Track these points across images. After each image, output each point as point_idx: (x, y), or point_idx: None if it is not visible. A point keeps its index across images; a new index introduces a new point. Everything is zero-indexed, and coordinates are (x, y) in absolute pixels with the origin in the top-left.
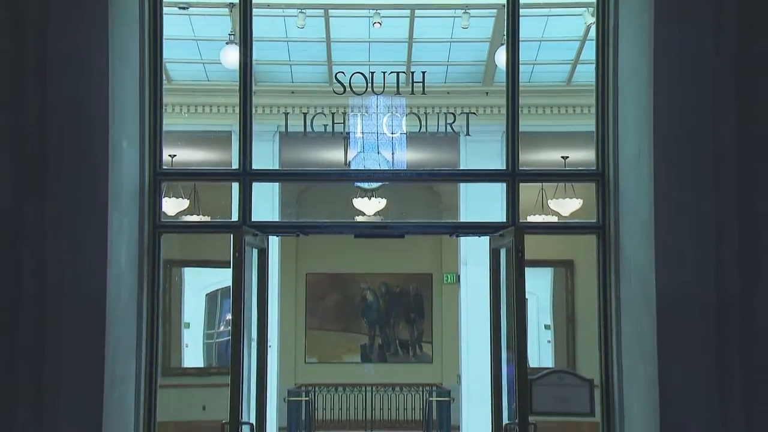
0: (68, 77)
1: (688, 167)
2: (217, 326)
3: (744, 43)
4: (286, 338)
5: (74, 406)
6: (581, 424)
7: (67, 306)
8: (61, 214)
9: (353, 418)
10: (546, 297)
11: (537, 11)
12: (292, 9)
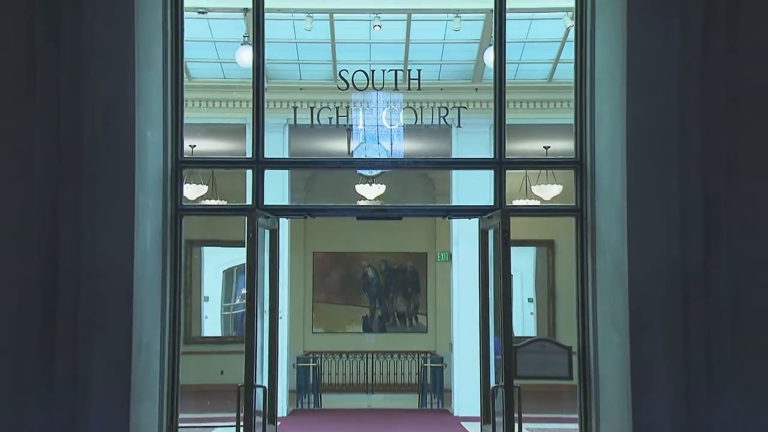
0: (100, 76)
1: (657, 156)
2: (233, 299)
3: (707, 44)
4: (295, 310)
5: (106, 369)
6: (560, 386)
7: (99, 280)
8: (94, 198)
9: (356, 382)
10: (529, 273)
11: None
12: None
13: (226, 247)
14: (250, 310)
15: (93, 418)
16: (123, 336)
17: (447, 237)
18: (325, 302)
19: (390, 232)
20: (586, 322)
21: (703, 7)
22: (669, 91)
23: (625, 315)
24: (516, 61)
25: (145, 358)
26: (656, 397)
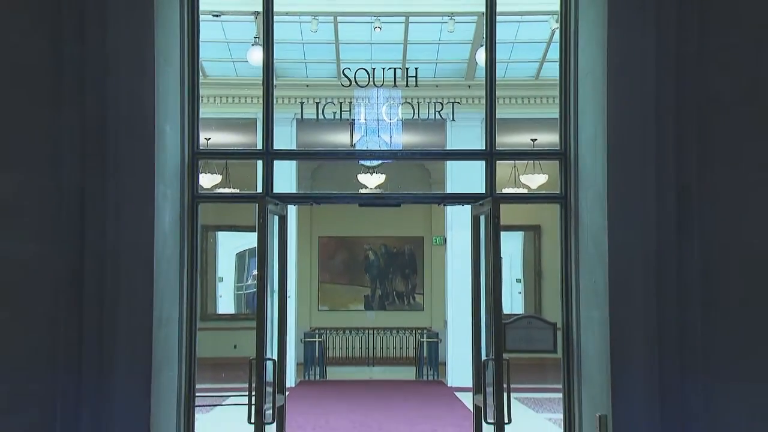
0: (122, 74)
1: (635, 148)
2: (245, 280)
3: (680, 45)
4: (302, 290)
5: (129, 341)
6: (546, 359)
7: (122, 261)
8: (117, 186)
9: (358, 356)
10: (517, 256)
11: (511, 18)
12: (306, 16)
13: (238, 232)
14: (260, 290)
15: (117, 385)
16: (144, 312)
17: (442, 222)
18: (330, 282)
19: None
20: (570, 300)
21: (676, 13)
22: (645, 88)
23: (605, 293)
24: (506, 60)
25: (164, 332)
26: (633, 369)
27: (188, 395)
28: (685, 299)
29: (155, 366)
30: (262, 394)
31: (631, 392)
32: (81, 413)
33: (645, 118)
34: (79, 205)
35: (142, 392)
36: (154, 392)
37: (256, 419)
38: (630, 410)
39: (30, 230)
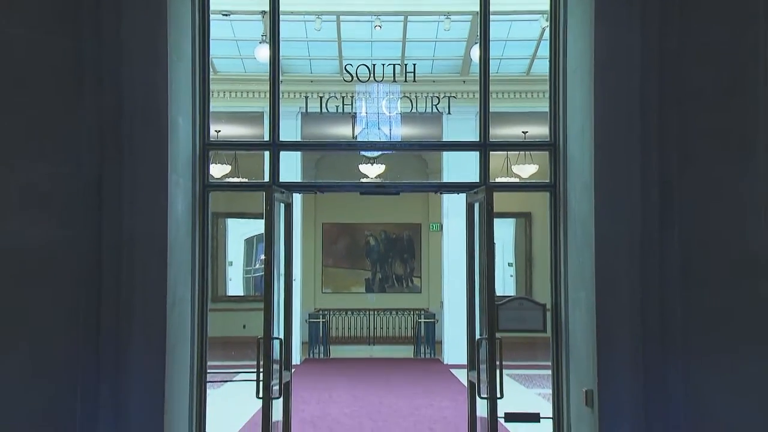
0: (137, 69)
1: (620, 140)
2: (253, 264)
3: (663, 43)
4: (307, 273)
5: (144, 322)
6: (536, 338)
7: (138, 245)
8: (133, 175)
9: (359, 335)
10: (510, 241)
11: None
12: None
13: (247, 219)
14: (268, 273)
15: (134, 361)
16: (159, 293)
17: (438, 210)
18: (333, 266)
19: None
20: (558, 283)
21: (659, 12)
22: (630, 84)
23: (591, 276)
24: (498, 57)
25: (178, 312)
26: (617, 347)
27: (200, 371)
28: (666, 284)
29: (169, 344)
30: (270, 371)
31: (615, 368)
32: (100, 387)
33: (630, 112)
34: (97, 192)
35: (157, 368)
36: (168, 368)
37: (264, 394)
38: (614, 385)
39: (54, 217)
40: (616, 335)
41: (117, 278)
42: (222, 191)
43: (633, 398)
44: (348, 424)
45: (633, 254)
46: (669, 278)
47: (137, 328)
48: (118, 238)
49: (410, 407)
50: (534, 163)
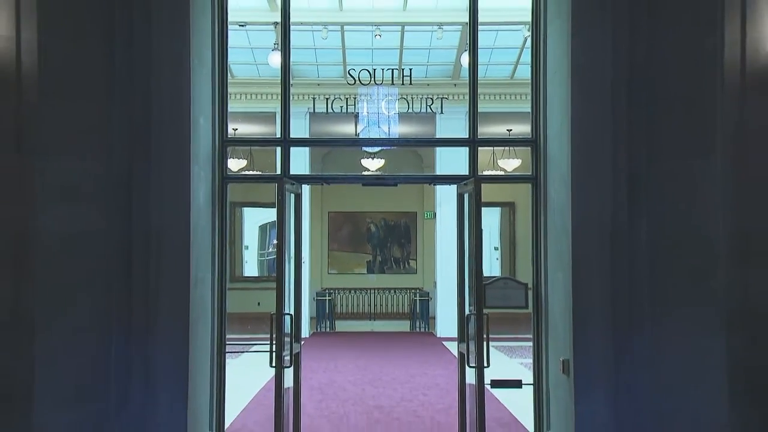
0: (163, 74)
1: (594, 137)
2: (267, 248)
3: (632, 50)
4: (315, 256)
5: (170, 299)
6: (519, 314)
7: (164, 232)
8: (159, 169)
9: (361, 311)
10: (495, 227)
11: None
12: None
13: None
14: (279, 256)
15: (161, 336)
16: (183, 274)
17: (432, 199)
18: (338, 250)
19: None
20: (539, 265)
21: (628, 23)
22: (603, 87)
23: (568, 259)
24: (486, 63)
25: (199, 291)
26: (591, 321)
27: (220, 343)
28: (634, 266)
29: (192, 318)
30: (282, 343)
31: (588, 340)
32: (132, 357)
33: (603, 112)
34: (127, 184)
35: (181, 340)
36: (192, 340)
37: (277, 364)
38: (588, 355)
39: (90, 207)
40: (590, 311)
41: (146, 261)
42: (239, 183)
43: (604, 366)
44: (352, 390)
45: (605, 239)
46: (637, 261)
47: (164, 305)
48: (147, 226)
49: (407, 375)
50: (517, 158)
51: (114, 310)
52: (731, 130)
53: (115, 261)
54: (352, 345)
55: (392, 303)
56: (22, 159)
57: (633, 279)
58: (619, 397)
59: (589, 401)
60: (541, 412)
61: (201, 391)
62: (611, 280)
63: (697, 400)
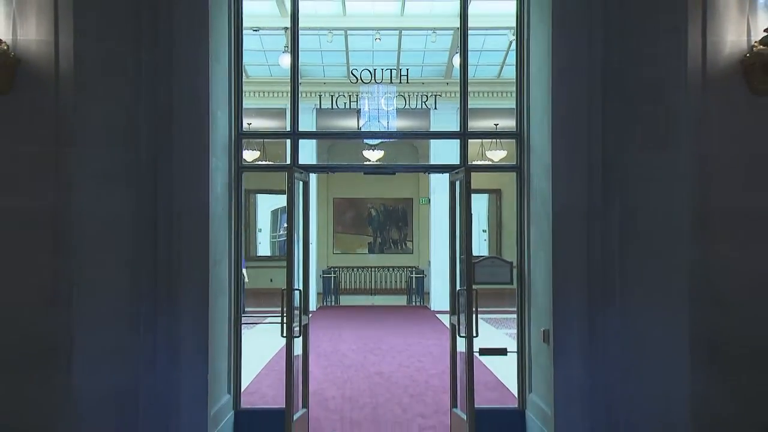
0: (185, 74)
1: (572, 131)
2: (278, 231)
3: (606, 51)
4: (321, 238)
5: (191, 275)
6: (504, 289)
7: (185, 216)
8: (181, 159)
9: (363, 287)
10: (484, 212)
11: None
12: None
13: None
14: (289, 238)
15: (184, 309)
16: (202, 253)
17: (426, 187)
18: (342, 232)
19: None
20: (523, 245)
21: (603, 28)
22: (580, 86)
23: (548, 240)
24: (475, 64)
25: (218, 269)
26: (568, 295)
27: (236, 316)
28: (607, 245)
29: (212, 294)
30: (292, 316)
31: (567, 313)
32: (157, 328)
33: (580, 109)
34: (153, 173)
35: (202, 312)
36: (211, 313)
37: (287, 334)
38: (566, 325)
39: (120, 191)
40: (568, 286)
41: (169, 240)
42: (252, 172)
43: (580, 335)
44: (354, 357)
45: (581, 222)
46: (609, 241)
47: (186, 281)
48: (170, 210)
49: (404, 344)
50: (503, 149)
51: (143, 284)
52: (692, 126)
53: (142, 240)
54: (355, 317)
55: (391, 280)
56: (60, 149)
57: (606, 257)
58: (593, 363)
59: (567, 367)
60: (523, 377)
61: (220, 357)
62: (587, 258)
63: (661, 366)
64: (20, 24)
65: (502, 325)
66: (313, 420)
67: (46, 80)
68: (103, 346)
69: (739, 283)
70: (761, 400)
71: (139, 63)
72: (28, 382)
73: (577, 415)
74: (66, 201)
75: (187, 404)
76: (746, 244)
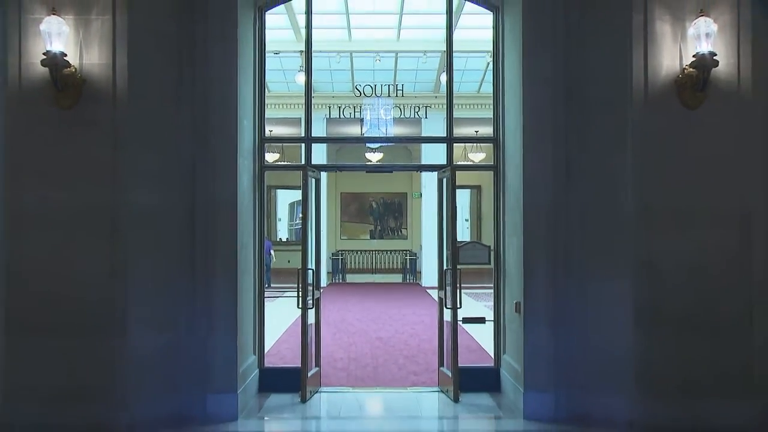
0: (217, 89)
1: (539, 136)
2: (295, 220)
3: (566, 67)
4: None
5: (223, 258)
6: (483, 268)
7: (218, 208)
8: (214, 160)
9: (365, 267)
10: (466, 204)
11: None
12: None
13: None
14: (304, 226)
15: (217, 283)
16: (232, 239)
17: (419, 183)
18: (348, 222)
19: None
20: (499, 231)
21: (563, 50)
22: (546, 99)
23: (520, 227)
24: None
25: (244, 252)
26: (536, 273)
27: (260, 291)
28: (568, 231)
29: (239, 273)
30: (306, 290)
31: (535, 287)
32: (196, 300)
33: (545, 118)
34: (191, 171)
35: (232, 289)
36: (239, 288)
37: (303, 306)
38: (534, 298)
39: (166, 188)
40: (536, 266)
41: (204, 228)
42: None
43: (546, 306)
44: (358, 325)
45: (547, 212)
46: (570, 228)
47: (219, 261)
48: (205, 203)
49: (399, 314)
50: (483, 152)
51: (183, 264)
52: (636, 134)
53: (183, 228)
54: (359, 292)
55: (388, 261)
56: (116, 153)
57: (567, 241)
58: (556, 328)
59: (535, 332)
60: (499, 341)
61: (246, 325)
62: (552, 242)
63: (612, 331)
64: (86, 50)
65: (482, 298)
66: (324, 377)
67: (105, 96)
68: (152, 314)
69: (672, 262)
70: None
71: (180, 82)
72: (92, 342)
73: (542, 371)
74: (120, 195)
75: (220, 363)
76: (679, 231)
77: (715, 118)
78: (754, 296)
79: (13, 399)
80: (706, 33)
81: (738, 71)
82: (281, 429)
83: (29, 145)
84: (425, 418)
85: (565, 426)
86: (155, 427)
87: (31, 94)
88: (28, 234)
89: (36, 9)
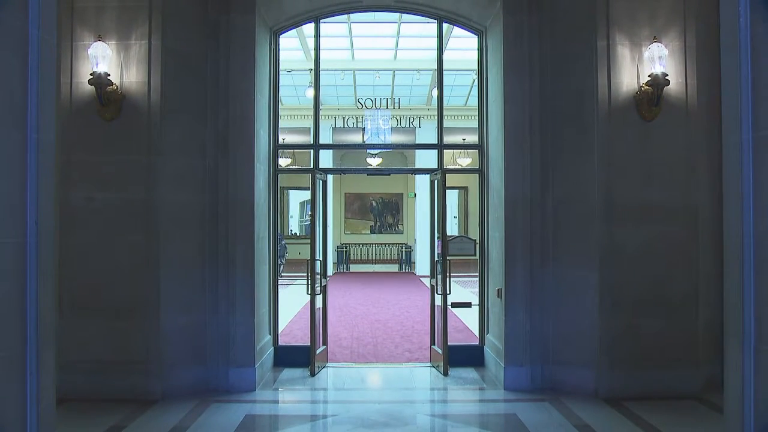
0: (237, 103)
1: (518, 143)
2: (304, 217)
3: (542, 85)
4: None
5: (242, 249)
6: (470, 259)
7: (238, 205)
8: (235, 164)
9: (366, 258)
10: (455, 203)
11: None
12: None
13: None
14: (312, 222)
15: (237, 274)
16: (249, 233)
17: (413, 184)
18: (351, 218)
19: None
20: (483, 227)
21: (539, 70)
22: (524, 111)
23: (502, 223)
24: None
25: (261, 244)
26: (516, 263)
27: (274, 279)
28: (544, 226)
29: (256, 263)
30: (314, 279)
31: (514, 275)
32: (218, 287)
33: (524, 127)
34: (215, 174)
35: (249, 277)
36: (256, 277)
37: (311, 292)
38: (514, 284)
39: (191, 188)
40: (515, 256)
41: (226, 224)
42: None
43: (524, 292)
44: (360, 309)
45: (525, 209)
46: (546, 222)
47: (238, 252)
48: (227, 201)
49: (396, 299)
50: (469, 157)
51: (207, 254)
52: (601, 141)
53: (207, 222)
54: (361, 280)
55: (387, 253)
56: (150, 158)
57: (543, 233)
58: (533, 311)
59: (514, 314)
60: (483, 322)
61: (263, 308)
62: (529, 235)
63: (580, 312)
64: (125, 71)
65: (468, 285)
66: (330, 353)
67: (141, 109)
68: (181, 299)
69: (630, 251)
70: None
71: (205, 96)
72: (131, 322)
73: (520, 349)
74: (153, 194)
75: (240, 341)
76: (638, 224)
77: (668, 128)
78: (700, 280)
79: (68, 371)
80: (659, 56)
81: (686, 89)
82: (293, 398)
83: (77, 151)
84: (418, 389)
85: (540, 395)
86: (185, 395)
87: (79, 108)
88: (75, 229)
89: (84, 36)
